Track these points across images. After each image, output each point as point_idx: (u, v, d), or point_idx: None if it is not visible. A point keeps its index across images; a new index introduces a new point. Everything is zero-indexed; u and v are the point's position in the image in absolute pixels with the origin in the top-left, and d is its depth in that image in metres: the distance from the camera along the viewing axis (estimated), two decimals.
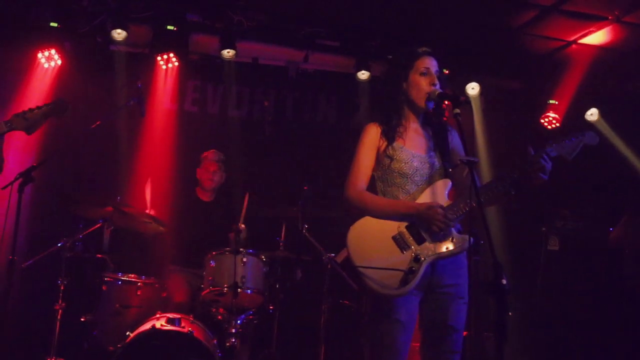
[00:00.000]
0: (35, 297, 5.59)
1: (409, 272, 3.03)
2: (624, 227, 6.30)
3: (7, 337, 5.41)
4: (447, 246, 3.09)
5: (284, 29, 6.50)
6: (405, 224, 3.14)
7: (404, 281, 3.02)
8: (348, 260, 3.16)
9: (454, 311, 3.13)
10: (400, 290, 3.02)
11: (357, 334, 5.40)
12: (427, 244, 3.10)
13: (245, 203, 5.35)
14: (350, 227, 3.19)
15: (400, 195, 3.24)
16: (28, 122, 3.75)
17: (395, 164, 3.25)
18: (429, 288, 3.16)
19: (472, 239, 3.09)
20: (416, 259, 3.06)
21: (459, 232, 3.14)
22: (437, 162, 3.27)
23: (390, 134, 3.28)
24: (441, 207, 3.06)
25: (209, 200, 5.90)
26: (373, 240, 3.15)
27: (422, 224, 3.10)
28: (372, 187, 3.34)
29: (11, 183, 3.92)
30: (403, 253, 3.08)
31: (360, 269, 3.06)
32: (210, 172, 5.81)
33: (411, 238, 3.11)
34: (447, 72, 3.56)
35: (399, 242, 3.11)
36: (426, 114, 3.34)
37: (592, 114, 7.07)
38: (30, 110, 3.79)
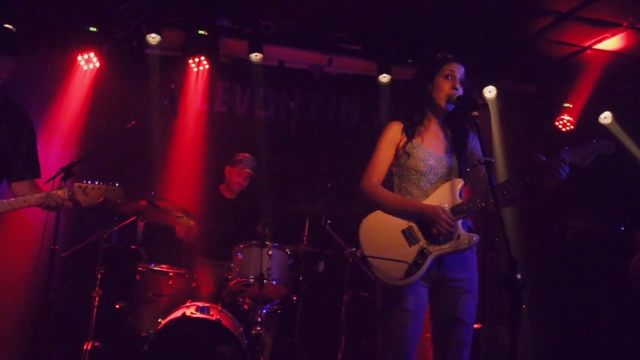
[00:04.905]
0: (74, 285, 5.74)
1: (414, 265, 3.13)
2: None
3: (48, 322, 5.63)
4: (452, 243, 3.16)
5: (309, 34, 6.63)
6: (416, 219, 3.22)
7: (408, 273, 3.12)
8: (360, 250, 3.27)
9: (462, 305, 3.20)
10: (404, 281, 3.12)
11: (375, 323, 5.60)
12: (433, 239, 3.17)
13: None
14: (364, 219, 3.30)
15: (414, 191, 3.30)
16: (87, 197, 3.81)
17: (412, 161, 3.31)
18: (438, 281, 3.24)
19: (478, 236, 3.16)
20: (422, 253, 3.15)
21: (469, 229, 3.22)
22: (453, 163, 3.34)
23: (410, 132, 3.35)
24: (444, 210, 3.14)
25: (232, 197, 6.01)
26: (384, 232, 3.24)
27: (428, 223, 3.19)
28: (389, 181, 3.42)
29: (53, 177, 4.02)
30: (410, 247, 3.17)
31: (369, 259, 3.20)
32: (242, 177, 5.91)
33: (420, 233, 3.19)
34: None
35: (408, 236, 3.20)
36: (448, 116, 3.40)
37: (606, 117, 7.12)
38: (92, 186, 3.83)
